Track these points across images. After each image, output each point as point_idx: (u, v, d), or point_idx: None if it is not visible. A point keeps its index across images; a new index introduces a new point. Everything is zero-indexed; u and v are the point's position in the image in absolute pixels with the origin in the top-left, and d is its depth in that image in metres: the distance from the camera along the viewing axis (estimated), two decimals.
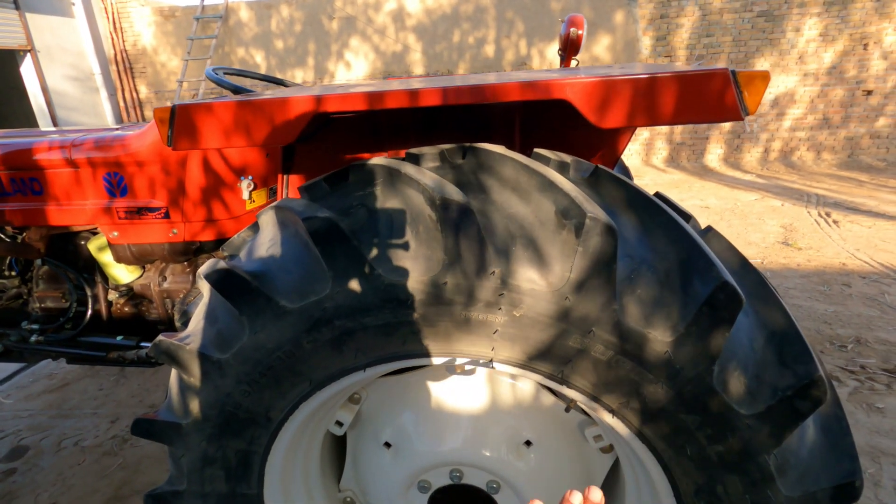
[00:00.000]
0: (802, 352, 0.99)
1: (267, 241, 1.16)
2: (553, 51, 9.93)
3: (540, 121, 1.53)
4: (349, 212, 1.07)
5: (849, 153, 9.63)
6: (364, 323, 1.04)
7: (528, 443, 1.28)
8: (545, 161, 1.12)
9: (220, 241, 2.21)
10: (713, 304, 0.92)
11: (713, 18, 9.33)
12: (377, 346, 1.07)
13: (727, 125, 9.87)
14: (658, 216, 1.03)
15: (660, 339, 0.95)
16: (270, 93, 1.31)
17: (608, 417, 1.08)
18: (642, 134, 10.23)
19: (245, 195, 2.08)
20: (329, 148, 1.64)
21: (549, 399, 1.29)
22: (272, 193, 2.25)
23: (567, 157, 1.14)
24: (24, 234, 2.21)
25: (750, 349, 1.00)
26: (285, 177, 1.68)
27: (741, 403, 0.97)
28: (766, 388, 0.98)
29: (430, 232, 0.99)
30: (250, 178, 2.08)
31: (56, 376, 3.82)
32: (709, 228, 1.13)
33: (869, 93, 9.20)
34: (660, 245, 1.00)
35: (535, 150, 1.15)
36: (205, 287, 1.19)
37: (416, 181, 1.00)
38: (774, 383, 0.98)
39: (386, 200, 1.06)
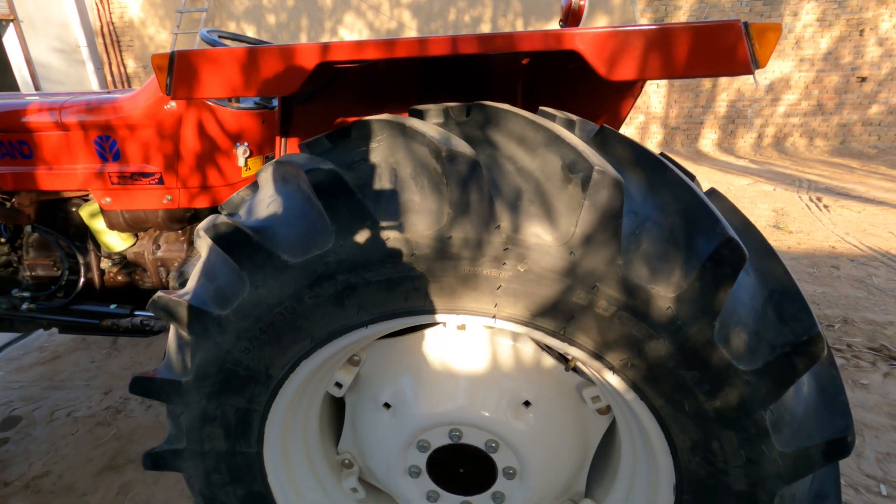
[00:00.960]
0: (801, 310, 1.00)
1: (267, 197, 1.14)
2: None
3: (543, 82, 1.51)
4: (352, 166, 1.05)
5: (841, 140, 9.69)
6: (367, 278, 1.04)
7: (526, 403, 1.30)
8: (551, 118, 1.11)
9: (215, 209, 2.18)
10: (717, 260, 0.92)
11: (711, 1, 9.26)
12: (379, 302, 1.07)
13: (722, 109, 9.88)
14: (663, 174, 1.02)
15: (663, 294, 0.95)
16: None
17: (609, 376, 1.09)
18: (637, 118, 10.21)
19: (241, 162, 2.05)
20: (328, 110, 1.61)
21: (548, 360, 1.30)
22: (268, 161, 2.22)
23: (573, 116, 1.13)
24: (14, 199, 2.16)
25: (750, 306, 1.01)
26: (283, 140, 1.66)
27: (740, 359, 0.99)
28: (765, 344, 0.99)
29: (435, 185, 0.98)
30: (246, 144, 2.05)
31: (47, 349, 3.79)
32: (712, 190, 1.14)
33: (863, 79, 9.23)
34: (665, 202, 1.00)
35: (541, 107, 1.14)
36: (204, 243, 1.18)
37: (422, 134, 0.98)
38: (773, 340, 0.99)
39: (390, 155, 1.05)
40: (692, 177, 1.14)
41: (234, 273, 1.09)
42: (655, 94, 10.04)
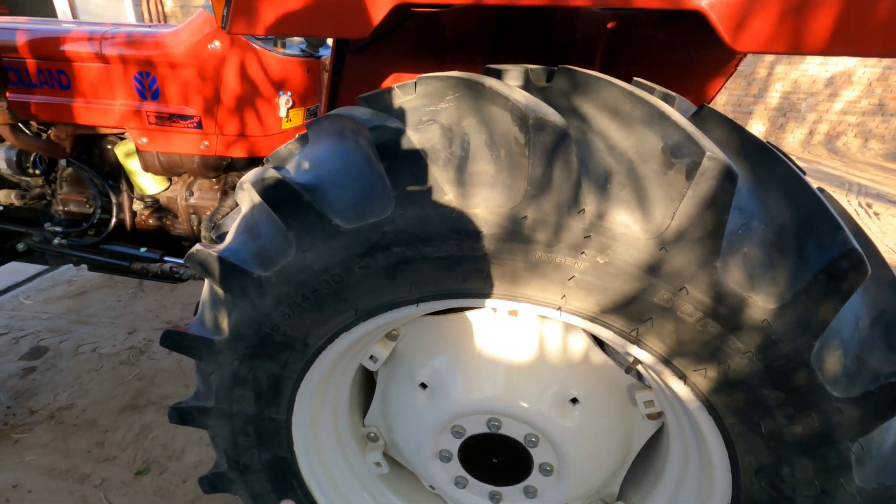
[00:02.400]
0: None
1: (321, 152, 1.04)
2: None
3: (622, 52, 1.36)
4: (418, 127, 0.94)
5: None
6: (424, 253, 0.94)
7: (573, 400, 1.21)
8: (649, 91, 0.97)
9: (251, 160, 2.10)
10: (833, 273, 0.80)
11: None
12: (435, 280, 0.97)
13: (774, 100, 9.35)
14: (774, 166, 0.89)
15: (761, 304, 0.84)
16: None
17: (675, 384, 0.99)
18: None
19: (282, 112, 1.94)
20: (383, 64, 1.48)
21: (602, 357, 1.21)
22: (309, 115, 2.11)
23: (671, 92, 0.99)
24: (50, 130, 2.10)
25: (855, 327, 0.89)
26: (331, 92, 1.54)
27: (836, 385, 0.88)
28: (867, 371, 0.88)
29: (513, 157, 0.87)
30: (289, 93, 1.94)
31: (75, 283, 3.84)
32: (821, 189, 1.00)
33: None
34: (775, 199, 0.87)
35: (636, 78, 1.00)
36: (248, 196, 1.09)
37: (504, 97, 0.86)
38: (877, 368, 0.87)
39: (463, 117, 0.93)
40: (803, 172, 1.00)
41: (280, 233, 1.00)
42: None
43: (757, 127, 9.68)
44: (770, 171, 0.90)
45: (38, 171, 2.27)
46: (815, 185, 0.92)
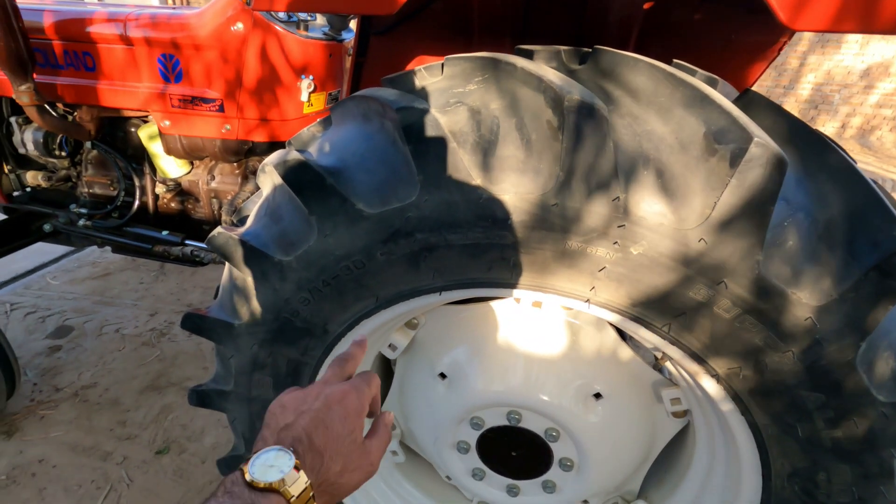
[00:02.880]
0: None
1: (345, 135, 1.02)
2: None
3: (658, 35, 1.30)
4: (446, 109, 0.90)
5: None
6: (449, 240, 0.91)
7: (597, 395, 1.18)
8: (691, 74, 0.92)
9: (272, 144, 2.09)
10: (886, 270, 0.75)
11: None
12: (459, 268, 0.95)
13: (805, 92, 9.03)
14: (825, 155, 0.84)
15: (805, 301, 0.79)
16: None
17: (707, 382, 0.95)
18: None
19: (304, 96, 1.92)
20: (408, 46, 1.45)
21: (628, 352, 1.17)
22: (331, 100, 2.09)
23: (713, 76, 0.94)
24: (76, 112, 2.12)
25: None
26: (356, 75, 1.51)
27: (882, 389, 0.83)
28: None
29: (545, 141, 0.83)
30: (311, 77, 1.91)
31: (99, 265, 3.91)
32: (875, 182, 0.94)
33: None
34: (825, 190, 0.82)
35: (675, 60, 0.95)
36: (270, 179, 1.07)
37: (537, 77, 0.82)
38: None
39: (492, 100, 0.89)
40: (855, 162, 0.95)
41: (302, 217, 0.98)
42: None
43: None
44: (820, 161, 0.84)
45: (64, 153, 2.29)
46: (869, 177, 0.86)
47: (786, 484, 0.98)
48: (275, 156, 1.02)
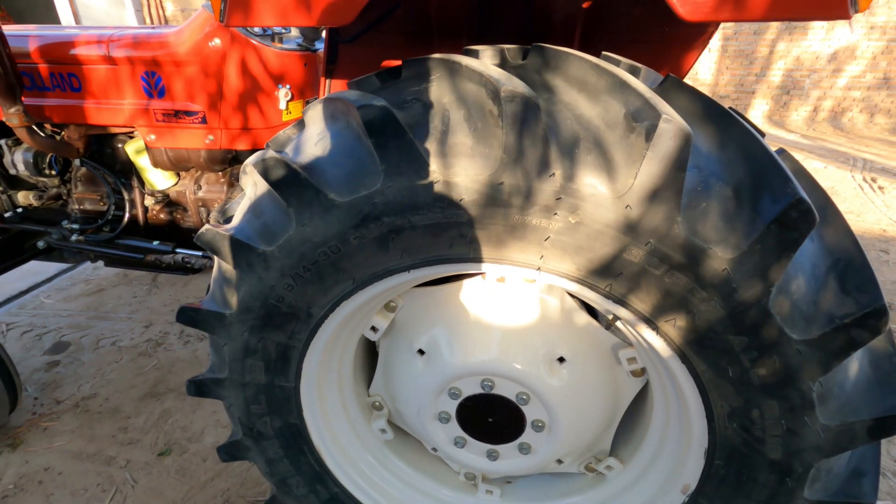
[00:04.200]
0: (867, 280, 0.95)
1: (315, 134, 1.13)
2: None
3: (601, 30, 1.43)
4: (404, 105, 1.02)
5: None
6: (413, 222, 1.03)
7: (561, 359, 1.29)
8: (615, 64, 1.05)
9: (255, 152, 2.19)
10: (783, 222, 0.87)
11: None
12: (424, 247, 1.06)
13: (777, 78, 9.28)
14: (732, 128, 0.96)
15: (720, 255, 0.91)
16: None
17: (650, 336, 1.07)
18: None
19: (282, 104, 2.04)
20: (374, 52, 1.56)
21: (585, 318, 1.29)
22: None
23: (637, 64, 1.06)
24: (64, 132, 2.21)
25: (811, 274, 0.97)
26: (327, 81, 1.63)
27: (794, 328, 0.95)
28: (822, 314, 0.95)
29: (489, 128, 0.95)
30: (287, 87, 2.03)
31: (92, 281, 3.98)
32: (781, 150, 1.07)
33: None
34: (732, 158, 0.94)
35: (604, 52, 1.08)
36: (251, 178, 1.18)
37: (479, 73, 0.94)
38: (833, 310, 0.95)
39: (443, 95, 1.01)
40: (762, 134, 1.07)
41: (281, 210, 1.09)
42: (706, 58, 9.48)
43: (760, 106, 9.62)
44: (729, 133, 0.97)
45: (53, 172, 2.38)
46: (774, 147, 0.99)
47: (727, 423, 1.10)
48: (254, 157, 1.13)
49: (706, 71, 9.61)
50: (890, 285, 3.82)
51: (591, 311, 1.32)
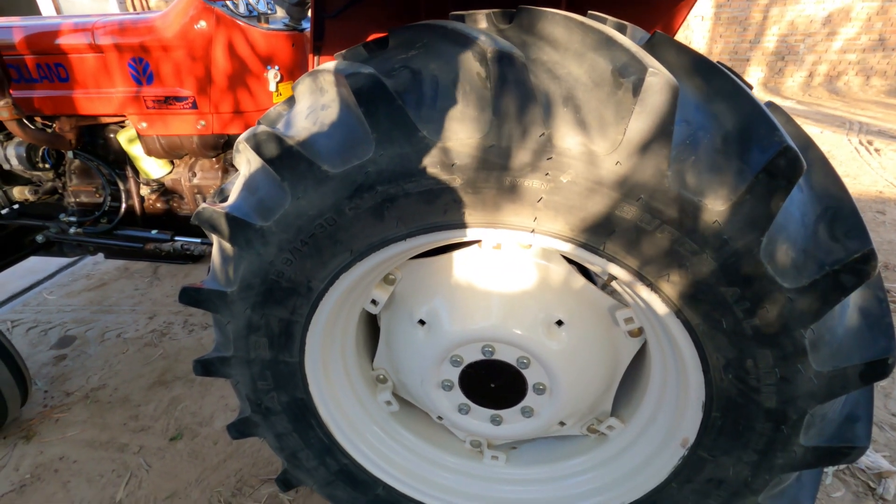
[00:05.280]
0: (855, 226, 0.97)
1: (306, 107, 1.13)
2: None
3: None
4: (392, 73, 1.02)
5: None
6: (406, 189, 1.04)
7: (559, 323, 1.32)
8: (601, 22, 1.05)
9: None
10: (772, 171, 0.88)
11: None
12: (419, 214, 1.07)
13: (771, 45, 9.18)
14: (720, 81, 0.97)
15: (710, 207, 0.93)
16: None
17: (645, 293, 1.09)
18: None
19: (272, 86, 2.02)
20: (361, 26, 1.55)
21: (582, 281, 1.31)
22: None
23: (624, 22, 1.06)
24: (55, 124, 2.21)
25: (801, 222, 0.98)
26: (316, 58, 1.62)
27: (785, 276, 0.97)
28: (812, 262, 0.96)
29: (478, 91, 0.95)
30: (276, 68, 2.01)
31: (94, 276, 4.00)
32: (769, 103, 1.07)
33: None
34: (720, 110, 0.95)
35: (590, 11, 1.07)
36: (244, 156, 1.19)
37: (465, 36, 0.94)
38: (822, 257, 0.96)
39: (431, 61, 1.01)
40: (749, 87, 1.08)
41: (276, 184, 1.10)
42: (700, 26, 9.37)
43: (755, 73, 9.53)
44: (716, 87, 0.97)
45: (47, 165, 2.38)
46: (763, 99, 1.00)
47: (723, 375, 1.13)
48: (245, 133, 1.13)
49: (700, 39, 9.50)
50: (886, 245, 3.84)
51: (587, 275, 1.34)
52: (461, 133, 0.96)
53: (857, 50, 8.91)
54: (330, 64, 1.09)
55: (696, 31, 9.41)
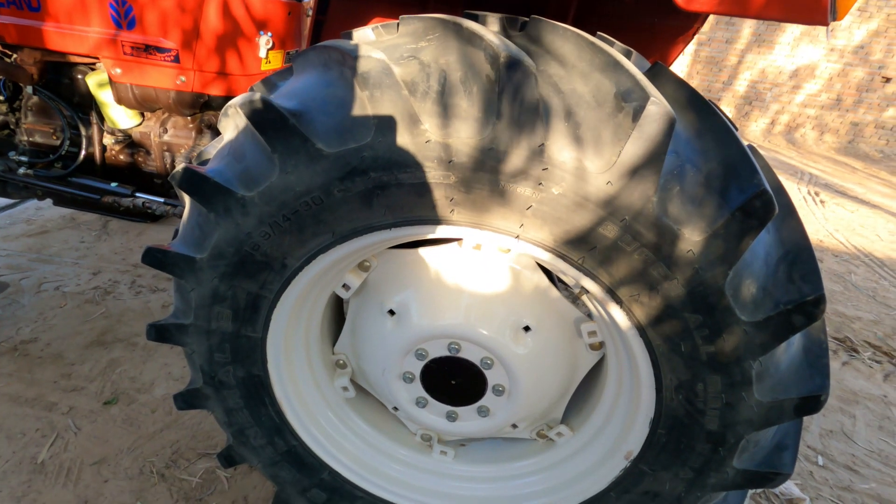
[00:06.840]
0: (811, 272, 1.04)
1: (306, 81, 1.11)
2: None
3: (594, 14, 1.45)
4: (401, 61, 1.02)
5: (850, 139, 9.65)
6: (399, 179, 1.03)
7: (526, 328, 1.35)
8: (609, 45, 1.08)
9: (229, 99, 2.11)
10: (747, 210, 0.94)
11: None
12: (408, 206, 1.07)
13: (742, 88, 9.67)
14: (711, 119, 1.02)
15: (687, 236, 0.98)
16: None
17: (613, 310, 1.13)
18: None
19: (262, 52, 1.96)
20: (366, 9, 1.53)
21: (554, 291, 1.34)
22: (289, 59, 2.13)
23: (629, 48, 1.10)
24: (17, 54, 2.05)
25: (764, 262, 1.05)
26: (314, 34, 1.58)
27: (744, 309, 1.03)
28: (769, 299, 1.04)
29: (485, 92, 0.96)
30: (269, 34, 1.95)
31: (35, 222, 3.74)
32: (751, 146, 1.14)
33: (887, 80, 9.07)
34: (708, 147, 1.00)
35: (599, 33, 1.11)
36: (233, 121, 1.15)
37: (480, 37, 0.95)
38: (779, 296, 1.03)
39: (441, 55, 1.01)
40: (736, 129, 1.14)
41: (265, 155, 1.07)
42: (679, 62, 9.75)
43: None
44: (707, 124, 1.03)
45: (1, 98, 2.21)
46: (746, 142, 1.06)
47: (673, 395, 1.19)
48: (240, 98, 1.10)
49: (678, 73, 9.89)
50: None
51: (555, 281, 1.38)
52: (463, 131, 0.97)
53: (816, 106, 9.53)
54: (339, 41, 1.07)
55: (675, 66, 9.79)
